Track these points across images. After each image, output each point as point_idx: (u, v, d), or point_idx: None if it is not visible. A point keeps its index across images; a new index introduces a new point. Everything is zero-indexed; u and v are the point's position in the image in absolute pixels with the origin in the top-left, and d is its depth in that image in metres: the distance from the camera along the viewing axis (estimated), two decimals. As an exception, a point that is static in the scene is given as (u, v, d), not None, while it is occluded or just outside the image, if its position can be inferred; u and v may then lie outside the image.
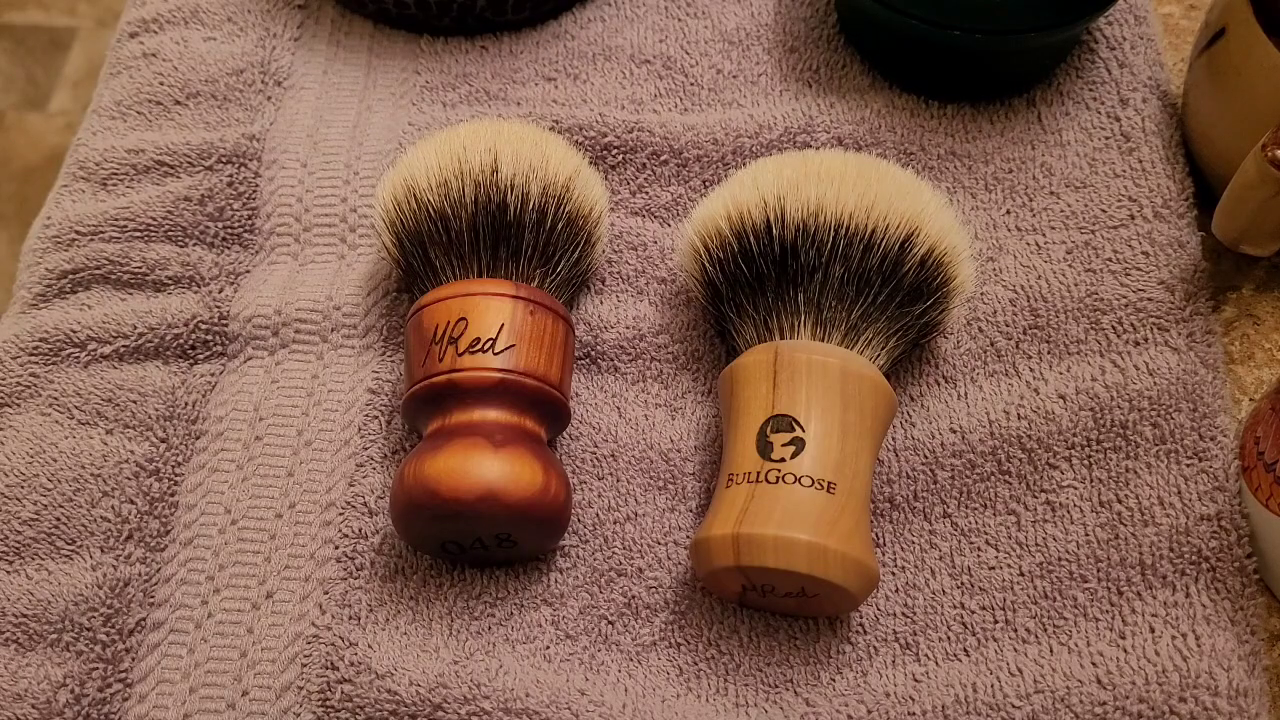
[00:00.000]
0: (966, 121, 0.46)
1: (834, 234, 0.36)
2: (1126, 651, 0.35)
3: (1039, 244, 0.43)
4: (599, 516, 0.39)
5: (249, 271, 0.44)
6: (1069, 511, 0.37)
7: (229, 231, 0.45)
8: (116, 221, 0.44)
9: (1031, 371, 0.40)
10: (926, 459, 0.39)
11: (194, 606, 0.38)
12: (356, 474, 0.40)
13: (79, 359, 0.42)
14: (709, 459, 0.39)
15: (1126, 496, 0.37)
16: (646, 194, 0.45)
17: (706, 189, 0.44)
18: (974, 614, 0.36)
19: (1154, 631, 0.35)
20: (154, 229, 0.44)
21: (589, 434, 0.40)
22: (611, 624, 0.37)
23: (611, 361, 0.41)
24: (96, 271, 0.43)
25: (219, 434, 0.41)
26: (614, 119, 0.45)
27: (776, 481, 0.34)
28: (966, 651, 0.36)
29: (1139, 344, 0.40)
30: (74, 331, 0.42)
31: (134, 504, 0.39)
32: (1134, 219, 0.43)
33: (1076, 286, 0.41)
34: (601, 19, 0.50)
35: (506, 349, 0.36)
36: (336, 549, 0.38)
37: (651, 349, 0.41)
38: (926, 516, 0.38)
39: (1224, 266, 0.43)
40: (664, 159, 0.45)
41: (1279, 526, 0.35)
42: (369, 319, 0.43)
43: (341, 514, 0.39)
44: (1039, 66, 0.46)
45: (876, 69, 0.47)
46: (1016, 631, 0.36)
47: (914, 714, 0.35)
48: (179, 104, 0.48)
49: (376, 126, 0.48)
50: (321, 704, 0.36)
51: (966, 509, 0.38)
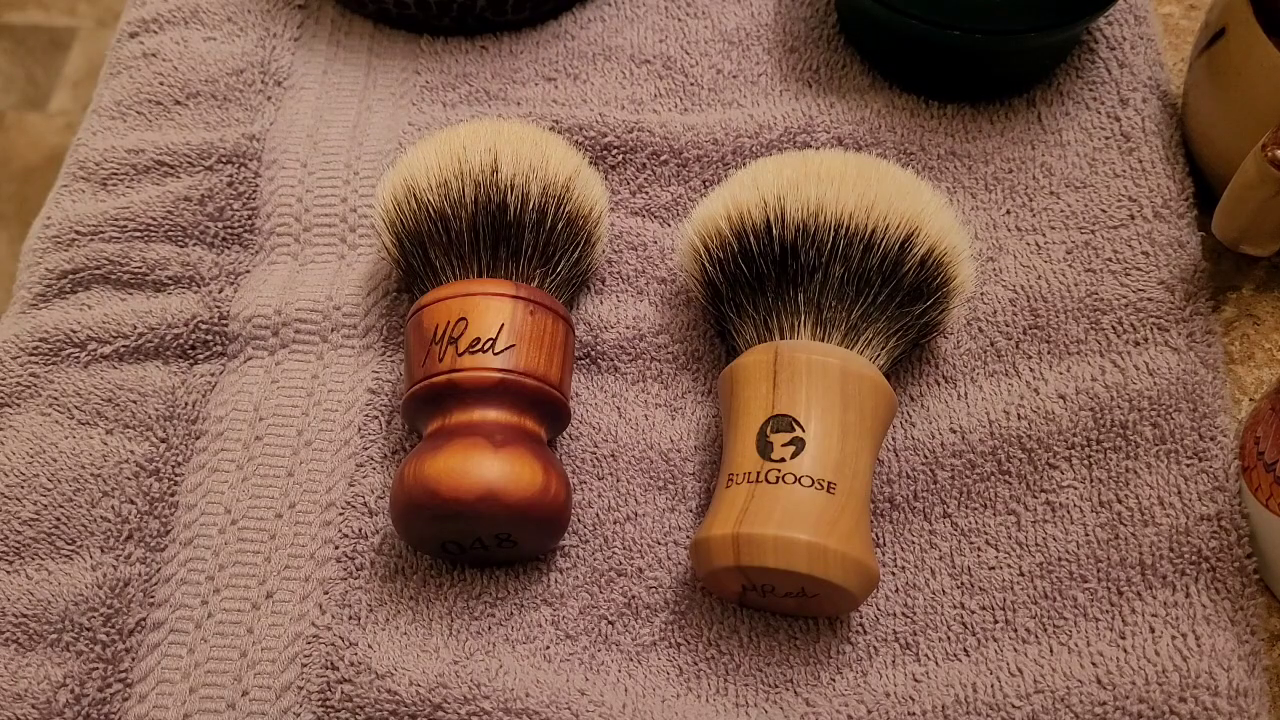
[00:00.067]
0: (966, 121, 0.46)
1: (834, 234, 0.36)
2: (1126, 651, 0.35)
3: (1039, 244, 0.43)
4: (599, 516, 0.39)
5: (249, 271, 0.44)
6: (1069, 511, 0.37)
7: (229, 231, 0.45)
8: (116, 221, 0.44)
9: (1031, 371, 0.40)
10: (926, 459, 0.39)
11: (194, 606, 0.38)
12: (356, 474, 0.40)
13: (79, 359, 0.42)
14: (709, 459, 0.39)
15: (1126, 496, 0.37)
16: (646, 194, 0.45)
17: (706, 189, 0.44)
18: (974, 614, 0.36)
19: (1154, 631, 0.35)
20: (154, 229, 0.44)
21: (589, 434, 0.40)
22: (611, 624, 0.37)
23: (611, 361, 0.41)
24: (96, 271, 0.43)
25: (219, 434, 0.41)
26: (614, 119, 0.45)
27: (776, 481, 0.34)
28: (966, 651, 0.36)
29: (1139, 344, 0.40)
30: (74, 331, 0.42)
31: (134, 504, 0.39)
32: (1134, 219, 0.43)
33: (1076, 286, 0.41)
34: (601, 19, 0.50)
35: (506, 349, 0.36)
36: (336, 549, 0.38)
37: (651, 349, 0.41)
38: (926, 516, 0.38)
39: (1224, 266, 0.43)
40: (664, 159, 0.45)
41: (1279, 526, 0.35)
42: (369, 319, 0.43)
43: (341, 514, 0.39)
44: (1039, 66, 0.46)
45: (876, 69, 0.47)
46: (1016, 631, 0.36)
47: (914, 714, 0.35)
48: (179, 104, 0.48)
49: (376, 126, 0.48)
50: (321, 704, 0.36)
51: (966, 509, 0.38)
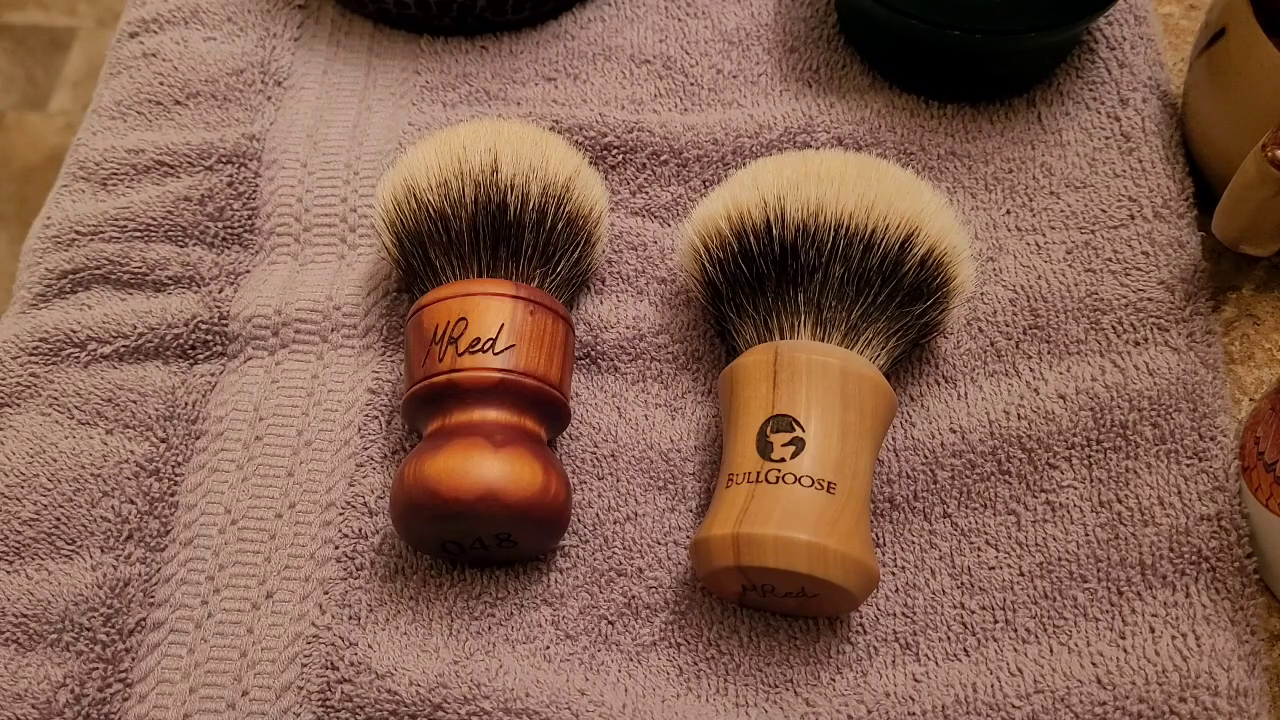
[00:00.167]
0: (966, 121, 0.46)
1: (834, 234, 0.36)
2: (1126, 651, 0.35)
3: (1039, 244, 0.43)
4: (599, 516, 0.39)
5: (249, 271, 0.44)
6: (1069, 511, 0.37)
7: (229, 231, 0.45)
8: (116, 221, 0.44)
9: (1031, 371, 0.40)
10: (926, 459, 0.39)
11: (194, 606, 0.38)
12: (356, 474, 0.40)
13: (79, 359, 0.42)
14: (709, 459, 0.39)
15: (1126, 496, 0.37)
16: (646, 194, 0.45)
17: (706, 189, 0.44)
18: (974, 614, 0.36)
19: (1154, 631, 0.35)
20: (154, 229, 0.44)
21: (589, 434, 0.40)
22: (611, 624, 0.37)
23: (611, 361, 0.41)
24: (96, 271, 0.43)
25: (219, 434, 0.41)
26: (614, 119, 0.45)
27: (776, 481, 0.34)
28: (966, 651, 0.36)
29: (1139, 344, 0.40)
30: (74, 331, 0.42)
31: (134, 504, 0.39)
32: (1134, 219, 0.43)
33: (1076, 286, 0.41)
34: (601, 19, 0.50)
35: (506, 349, 0.36)
36: (336, 549, 0.38)
37: (651, 349, 0.41)
38: (926, 516, 0.38)
39: (1224, 266, 0.43)
40: (664, 159, 0.45)
41: (1279, 526, 0.35)
42: (369, 319, 0.43)
43: (341, 514, 0.39)
44: (1039, 66, 0.46)
45: (876, 69, 0.47)
46: (1016, 631, 0.36)
47: (914, 714, 0.35)
48: (179, 104, 0.48)
49: (376, 126, 0.48)
50: (321, 704, 0.36)
51: (966, 509, 0.38)
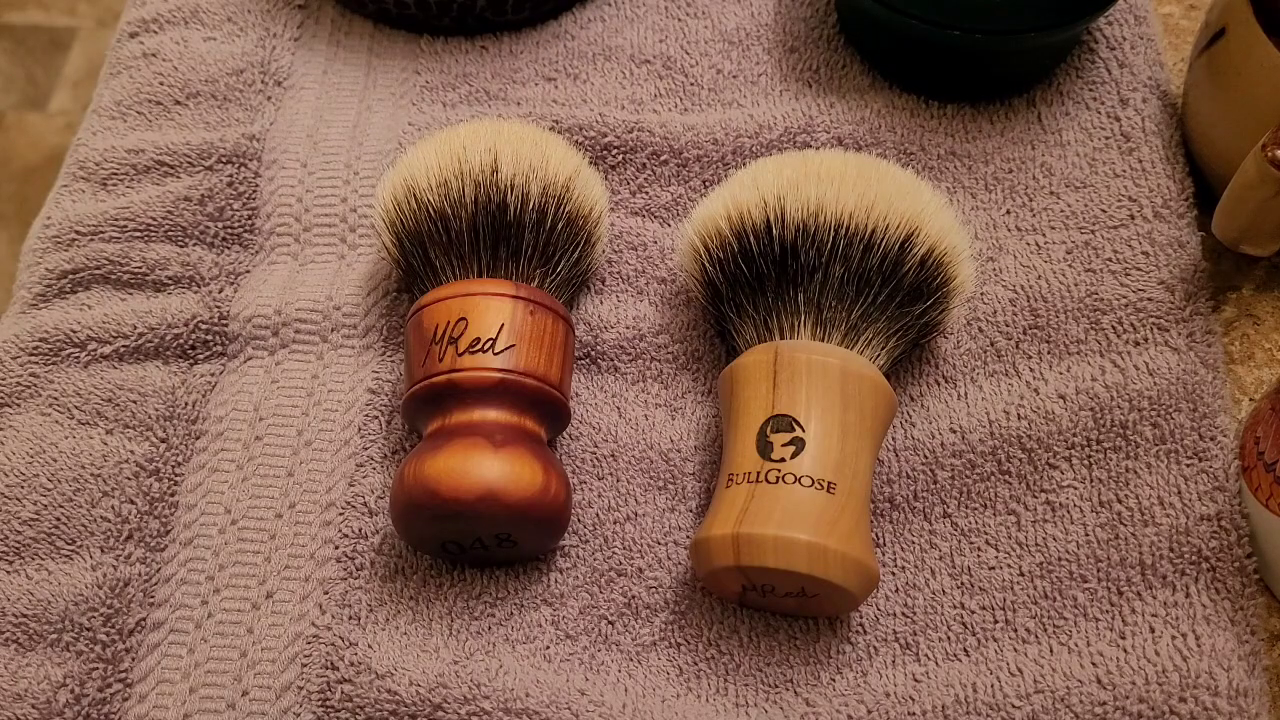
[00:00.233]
0: (966, 121, 0.46)
1: (834, 234, 0.36)
2: (1126, 651, 0.35)
3: (1039, 244, 0.43)
4: (599, 516, 0.39)
5: (249, 271, 0.44)
6: (1069, 511, 0.37)
7: (229, 231, 0.45)
8: (116, 221, 0.44)
9: (1031, 371, 0.40)
10: (926, 459, 0.39)
11: (194, 606, 0.38)
12: (356, 474, 0.40)
13: (79, 359, 0.42)
14: (709, 459, 0.39)
15: (1126, 496, 0.37)
16: (646, 194, 0.45)
17: (706, 189, 0.44)
18: (974, 614, 0.36)
19: (1154, 631, 0.35)
20: (154, 229, 0.44)
21: (589, 434, 0.40)
22: (611, 624, 0.37)
23: (611, 361, 0.41)
24: (96, 271, 0.43)
25: (219, 434, 0.41)
26: (614, 119, 0.45)
27: (776, 481, 0.34)
28: (966, 651, 0.36)
29: (1139, 344, 0.40)
30: (74, 331, 0.42)
31: (134, 504, 0.39)
32: (1134, 219, 0.43)
33: (1076, 286, 0.41)
34: (601, 19, 0.50)
35: (506, 349, 0.36)
36: (336, 549, 0.38)
37: (651, 349, 0.41)
38: (926, 516, 0.38)
39: (1224, 266, 0.43)
40: (664, 159, 0.45)
41: (1279, 526, 0.35)
42: (369, 319, 0.43)
43: (341, 514, 0.39)
44: (1039, 66, 0.46)
45: (876, 69, 0.47)
46: (1016, 631, 0.36)
47: (914, 714, 0.35)
48: (179, 104, 0.48)
49: (376, 126, 0.48)
50: (321, 704, 0.36)
51: (966, 509, 0.38)
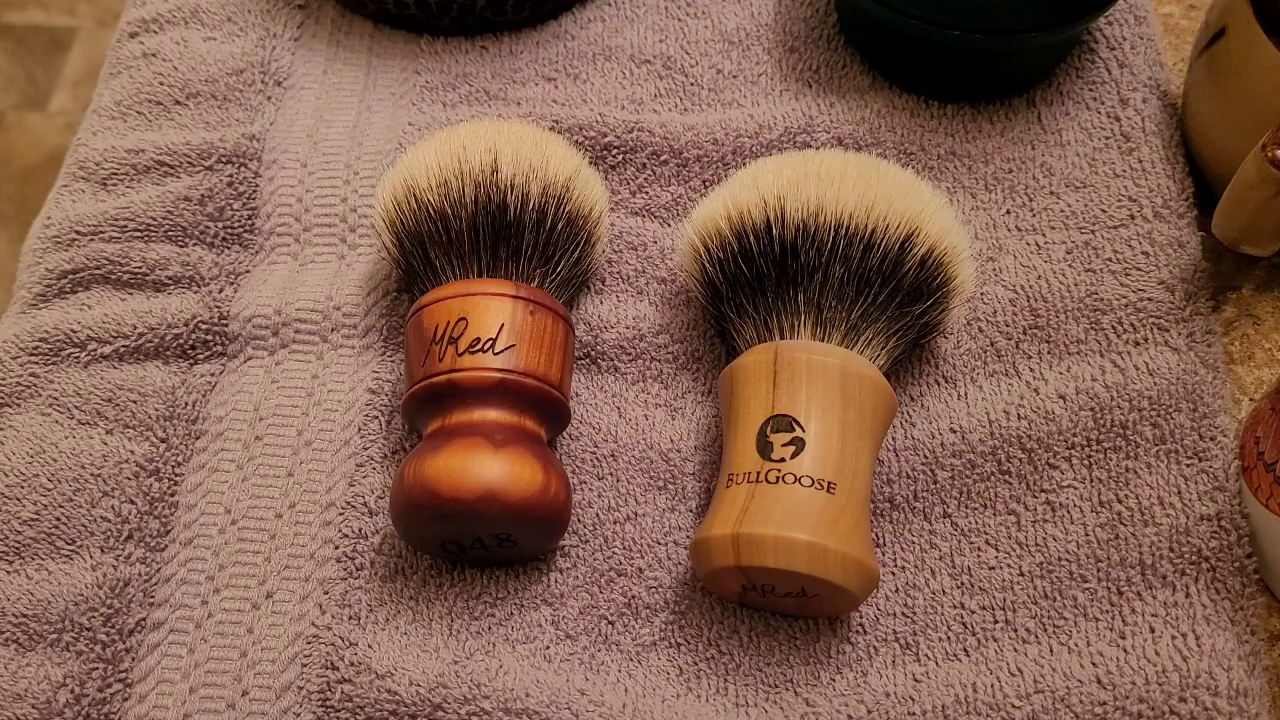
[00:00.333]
0: (966, 121, 0.46)
1: (834, 234, 0.36)
2: (1126, 651, 0.35)
3: (1039, 244, 0.43)
4: (599, 516, 0.39)
5: (249, 271, 0.44)
6: (1069, 511, 0.37)
7: (229, 231, 0.45)
8: (116, 221, 0.44)
9: (1031, 371, 0.40)
10: (926, 459, 0.39)
11: (194, 606, 0.38)
12: (356, 474, 0.40)
13: (79, 359, 0.42)
14: (709, 459, 0.39)
15: (1126, 496, 0.37)
16: (646, 194, 0.45)
17: (706, 189, 0.44)
18: (974, 614, 0.36)
19: (1154, 631, 0.35)
20: (154, 229, 0.44)
21: (589, 434, 0.40)
22: (611, 624, 0.37)
23: (611, 361, 0.41)
24: (96, 271, 0.43)
25: (219, 434, 0.41)
26: (614, 119, 0.45)
27: (776, 481, 0.34)
28: (966, 651, 0.36)
29: (1139, 344, 0.40)
30: (74, 331, 0.42)
31: (134, 504, 0.39)
32: (1134, 219, 0.43)
33: (1076, 286, 0.41)
34: (601, 19, 0.50)
35: (506, 349, 0.36)
36: (336, 549, 0.38)
37: (651, 349, 0.41)
38: (926, 516, 0.38)
39: (1224, 266, 0.43)
40: (664, 159, 0.45)
41: (1279, 526, 0.35)
42: (369, 319, 0.43)
43: (341, 514, 0.39)
44: (1039, 66, 0.46)
45: (876, 69, 0.47)
46: (1016, 631, 0.36)
47: (914, 714, 0.35)
48: (179, 104, 0.48)
49: (376, 126, 0.48)
50: (321, 704, 0.36)
51: (966, 509, 0.38)
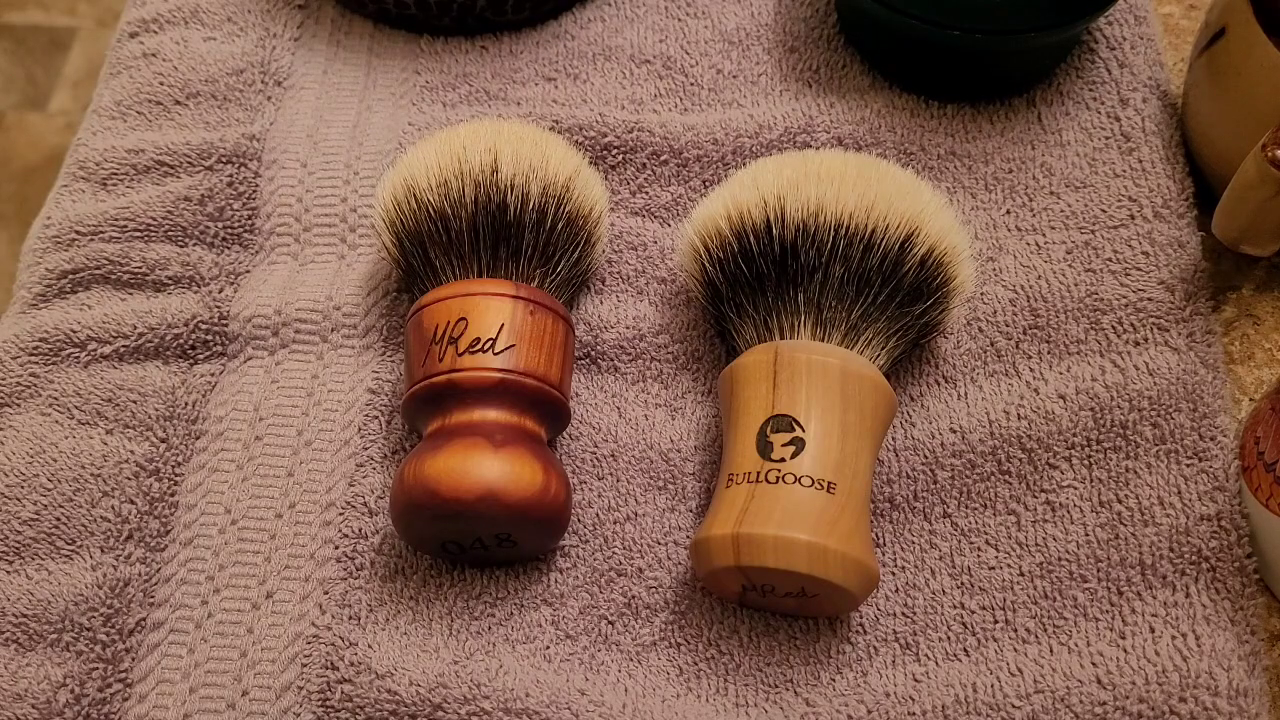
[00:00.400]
0: (966, 121, 0.46)
1: (834, 234, 0.36)
2: (1126, 651, 0.35)
3: (1039, 244, 0.43)
4: (599, 516, 0.39)
5: (249, 271, 0.44)
6: (1069, 511, 0.37)
7: (229, 231, 0.45)
8: (116, 221, 0.44)
9: (1031, 371, 0.40)
10: (926, 459, 0.39)
11: (194, 606, 0.38)
12: (356, 474, 0.40)
13: (79, 359, 0.42)
14: (709, 459, 0.39)
15: (1126, 496, 0.37)
16: (646, 194, 0.45)
17: (706, 189, 0.44)
18: (974, 614, 0.36)
19: (1154, 631, 0.35)
20: (154, 229, 0.44)
21: (589, 434, 0.40)
22: (611, 624, 0.37)
23: (611, 361, 0.41)
24: (96, 271, 0.43)
25: (219, 434, 0.41)
26: (614, 119, 0.45)
27: (776, 481, 0.34)
28: (966, 651, 0.36)
29: (1139, 344, 0.40)
30: (74, 331, 0.42)
31: (134, 504, 0.39)
32: (1134, 219, 0.43)
33: (1076, 286, 0.41)
34: (601, 19, 0.50)
35: (506, 349, 0.36)
36: (336, 549, 0.38)
37: (651, 349, 0.41)
38: (926, 516, 0.38)
39: (1224, 266, 0.43)
40: (664, 159, 0.45)
41: (1279, 526, 0.35)
42: (369, 319, 0.43)
43: (341, 514, 0.39)
44: (1039, 66, 0.46)
45: (876, 69, 0.47)
46: (1016, 631, 0.36)
47: (914, 714, 0.35)
48: (179, 104, 0.48)
49: (376, 126, 0.48)
50: (321, 704, 0.36)
51: (966, 509, 0.38)
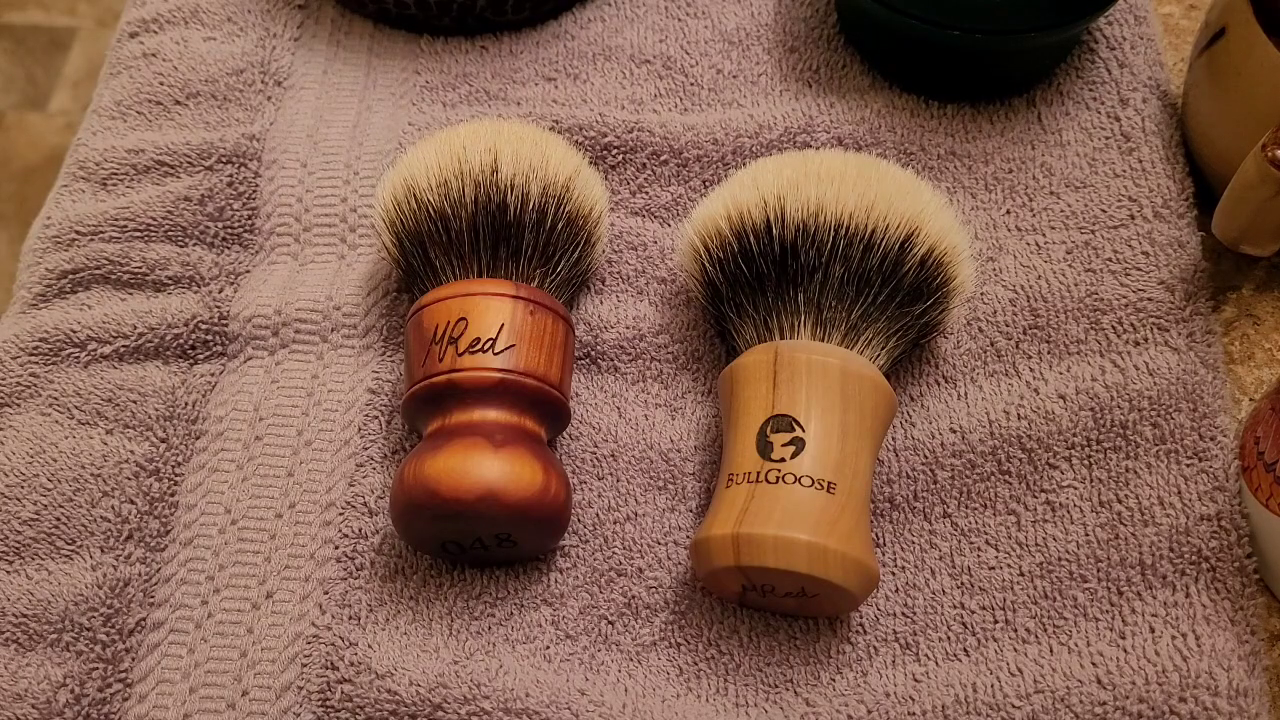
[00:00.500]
0: (966, 121, 0.46)
1: (834, 234, 0.36)
2: (1126, 651, 0.35)
3: (1039, 244, 0.43)
4: (599, 516, 0.39)
5: (249, 271, 0.44)
6: (1069, 511, 0.37)
7: (229, 231, 0.45)
8: (116, 221, 0.44)
9: (1031, 371, 0.40)
10: (926, 459, 0.39)
11: (194, 606, 0.38)
12: (356, 474, 0.40)
13: (79, 359, 0.42)
14: (709, 459, 0.39)
15: (1126, 496, 0.37)
16: (646, 194, 0.45)
17: (706, 189, 0.44)
18: (974, 614, 0.36)
19: (1154, 631, 0.35)
20: (154, 229, 0.44)
21: (589, 434, 0.40)
22: (611, 624, 0.37)
23: (611, 361, 0.41)
24: (96, 271, 0.43)
25: (219, 434, 0.41)
26: (614, 119, 0.45)
27: (776, 481, 0.34)
28: (966, 651, 0.36)
29: (1139, 344, 0.40)
30: (74, 331, 0.42)
31: (134, 504, 0.39)
32: (1134, 219, 0.43)
33: (1076, 286, 0.41)
34: (601, 19, 0.50)
35: (506, 349, 0.36)
36: (336, 549, 0.38)
37: (651, 349, 0.41)
38: (926, 516, 0.38)
39: (1224, 266, 0.43)
40: (664, 159, 0.45)
41: (1279, 526, 0.35)
42: (369, 319, 0.43)
43: (341, 514, 0.39)
44: (1039, 66, 0.46)
45: (876, 69, 0.47)
46: (1016, 631, 0.36)
47: (914, 714, 0.35)
48: (179, 104, 0.48)
49: (376, 126, 0.47)
50: (321, 704, 0.36)
51: (966, 509, 0.38)
